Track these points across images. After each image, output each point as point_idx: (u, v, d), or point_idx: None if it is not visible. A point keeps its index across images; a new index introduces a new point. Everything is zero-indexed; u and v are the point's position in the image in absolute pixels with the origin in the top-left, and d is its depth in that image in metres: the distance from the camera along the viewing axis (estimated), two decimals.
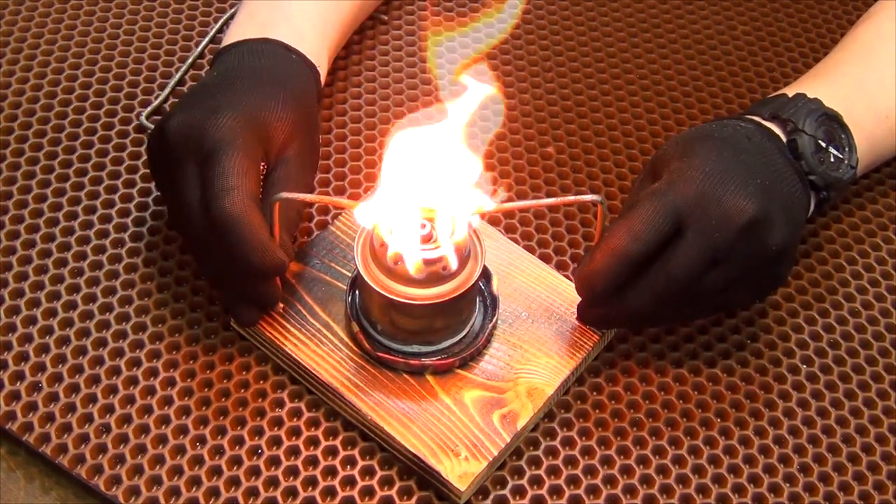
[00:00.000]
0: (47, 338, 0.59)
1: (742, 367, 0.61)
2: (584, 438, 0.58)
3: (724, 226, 0.54)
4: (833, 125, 0.62)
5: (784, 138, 0.61)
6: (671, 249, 0.55)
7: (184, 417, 0.56)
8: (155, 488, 0.54)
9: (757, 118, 0.62)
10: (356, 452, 0.56)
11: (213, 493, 0.54)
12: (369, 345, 0.57)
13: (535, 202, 0.63)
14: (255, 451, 0.56)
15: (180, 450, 0.55)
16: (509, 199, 0.68)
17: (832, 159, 0.61)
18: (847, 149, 0.62)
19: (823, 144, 0.61)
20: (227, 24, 0.74)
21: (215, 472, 0.55)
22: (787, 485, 0.57)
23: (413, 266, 0.53)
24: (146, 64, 0.73)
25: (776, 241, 0.56)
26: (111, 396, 0.57)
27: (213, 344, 0.59)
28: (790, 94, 0.63)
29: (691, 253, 0.54)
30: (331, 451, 0.56)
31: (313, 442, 0.56)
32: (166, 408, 0.57)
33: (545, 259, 0.64)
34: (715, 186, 0.55)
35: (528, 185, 0.69)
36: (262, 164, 0.57)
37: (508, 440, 0.55)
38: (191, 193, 0.55)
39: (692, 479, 0.57)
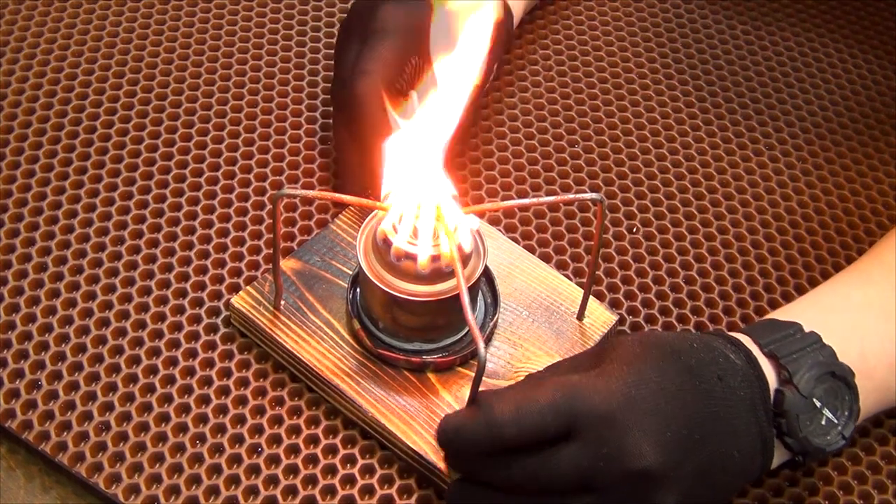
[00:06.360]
0: (46, 335, 0.58)
1: None
2: None
3: (613, 460, 0.47)
4: (838, 384, 0.52)
5: (773, 384, 0.52)
6: (551, 448, 0.48)
7: (183, 415, 0.56)
8: (154, 486, 0.54)
9: (754, 348, 0.53)
10: (356, 451, 0.56)
11: (213, 491, 0.54)
12: (370, 342, 0.57)
13: (535, 200, 0.63)
14: (254, 449, 0.56)
15: (180, 448, 0.55)
16: (509, 198, 0.68)
17: (823, 422, 0.52)
18: (846, 414, 0.52)
19: (818, 405, 0.52)
20: None
21: (215, 470, 0.55)
22: (788, 484, 0.57)
23: (423, 261, 0.53)
24: (146, 62, 0.73)
25: (667, 503, 0.48)
26: (111, 394, 0.57)
27: (212, 341, 0.59)
28: (804, 325, 0.54)
29: (564, 465, 0.48)
30: (331, 450, 0.56)
31: (313, 440, 0.56)
32: (166, 405, 0.57)
33: (545, 258, 0.64)
34: (631, 415, 0.48)
35: (528, 184, 0.69)
36: (415, 57, 0.63)
37: None
38: (343, 67, 0.63)
39: None
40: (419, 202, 0.53)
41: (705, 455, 0.49)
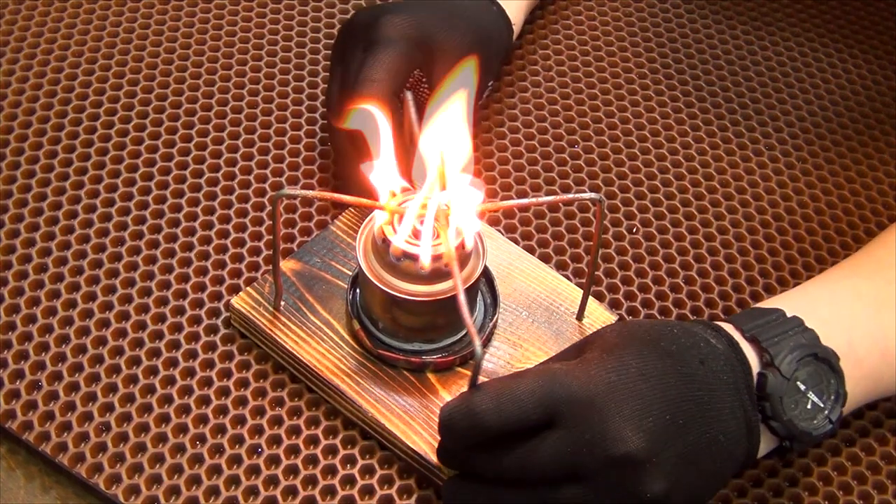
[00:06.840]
0: (47, 336, 0.58)
1: None
2: None
3: (596, 446, 0.47)
4: (822, 367, 0.52)
5: (756, 368, 0.52)
6: (536, 437, 0.48)
7: (183, 416, 0.56)
8: (155, 487, 0.54)
9: (736, 333, 0.53)
10: (356, 451, 0.56)
11: (213, 491, 0.54)
12: (370, 342, 0.57)
13: (534, 200, 0.63)
14: (254, 450, 0.56)
15: (180, 448, 0.55)
16: (509, 199, 0.68)
17: (808, 406, 0.52)
18: (832, 398, 0.52)
19: (802, 388, 0.52)
20: None
21: (215, 470, 0.55)
22: (787, 484, 0.57)
23: (424, 260, 0.53)
24: (146, 62, 0.73)
25: (654, 489, 0.47)
26: (111, 395, 0.57)
27: (212, 342, 0.59)
28: (788, 312, 0.54)
29: (548, 453, 0.48)
30: (331, 450, 0.56)
31: (313, 440, 0.56)
32: (166, 406, 0.57)
33: (545, 259, 0.64)
34: (611, 401, 0.48)
35: (528, 185, 0.69)
36: (417, 70, 0.64)
37: None
38: (345, 75, 0.62)
39: None
40: (421, 201, 0.53)
41: (690, 439, 0.49)
